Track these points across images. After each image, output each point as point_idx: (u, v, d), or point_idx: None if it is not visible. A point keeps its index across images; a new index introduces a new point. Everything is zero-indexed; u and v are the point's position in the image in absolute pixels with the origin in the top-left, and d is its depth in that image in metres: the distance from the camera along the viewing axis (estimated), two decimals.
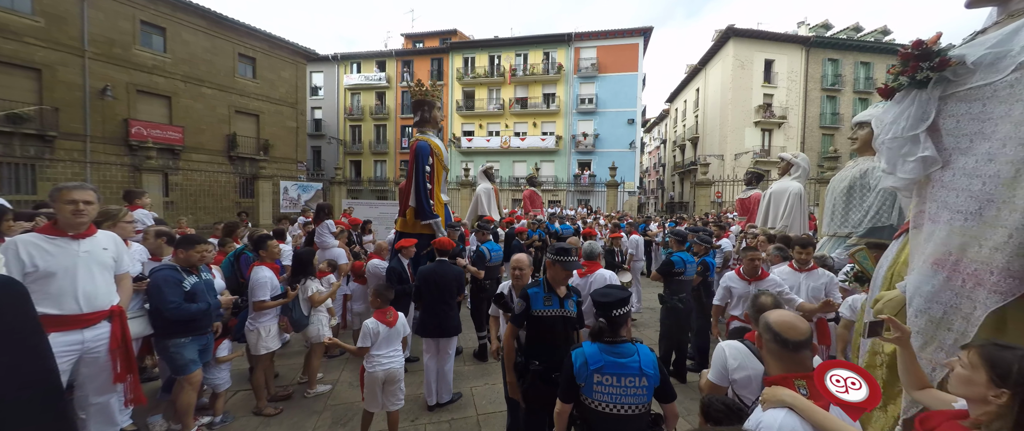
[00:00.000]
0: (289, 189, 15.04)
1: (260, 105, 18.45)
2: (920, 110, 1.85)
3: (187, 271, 2.66)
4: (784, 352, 1.26)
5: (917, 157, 1.86)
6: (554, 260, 2.32)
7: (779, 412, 1.16)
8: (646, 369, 1.68)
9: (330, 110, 27.09)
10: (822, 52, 22.70)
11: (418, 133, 4.75)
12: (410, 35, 28.19)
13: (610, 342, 1.76)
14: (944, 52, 1.76)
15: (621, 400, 1.68)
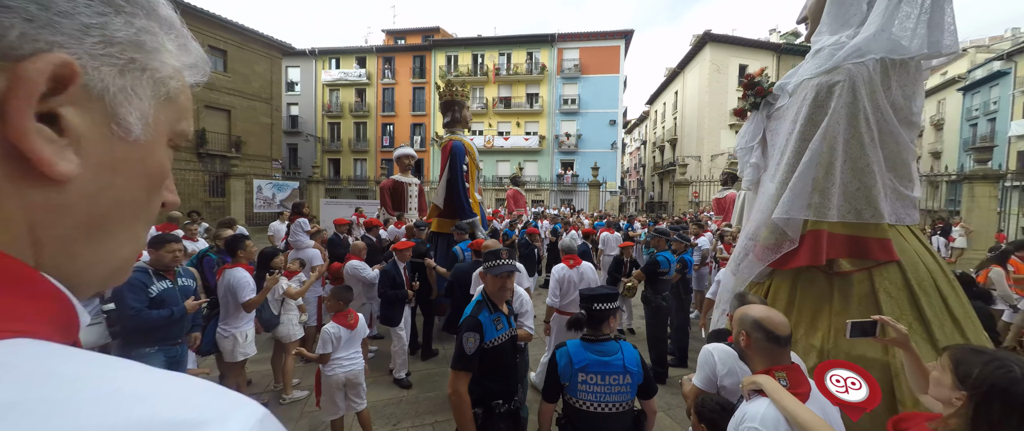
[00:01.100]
0: (263, 188, 14.45)
1: (232, 100, 17.65)
2: (754, 127, 2.39)
3: (159, 275, 2.48)
4: (772, 347, 1.29)
5: (751, 163, 2.40)
6: (486, 269, 1.91)
7: (760, 403, 1.20)
8: (630, 367, 1.70)
9: (307, 106, 26.23)
10: (792, 58, 23.74)
11: (448, 133, 4.85)
12: (391, 31, 27.65)
13: (593, 340, 1.77)
14: (761, 82, 2.31)
15: (606, 398, 1.69)
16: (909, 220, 1.88)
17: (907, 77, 1.79)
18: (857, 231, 1.78)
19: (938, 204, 17.15)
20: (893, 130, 1.78)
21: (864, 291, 1.76)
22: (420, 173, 24.41)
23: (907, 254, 1.77)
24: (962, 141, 22.56)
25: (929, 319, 1.69)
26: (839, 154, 1.77)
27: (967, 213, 9.07)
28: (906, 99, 1.80)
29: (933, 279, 1.77)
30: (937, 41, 1.71)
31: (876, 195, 1.75)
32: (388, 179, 7.62)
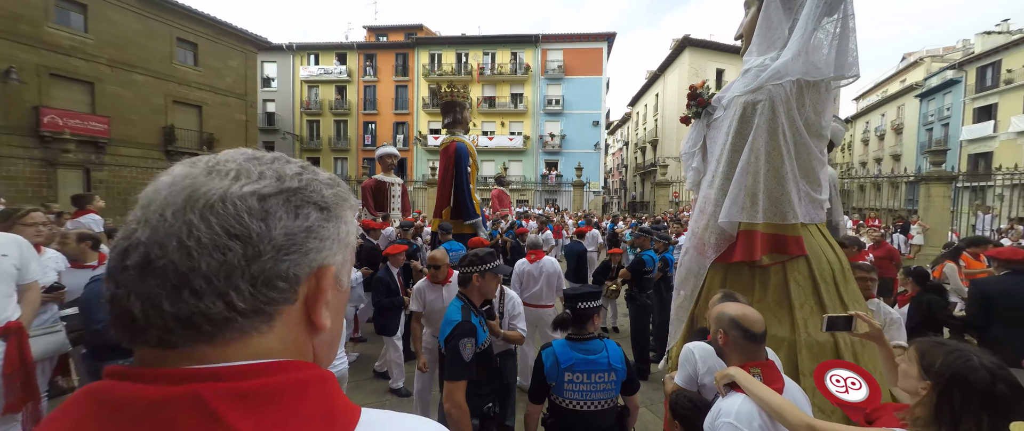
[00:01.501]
0: None
1: (203, 95, 16.88)
2: (696, 134, 2.60)
3: None
4: (748, 344, 1.33)
5: (693, 167, 2.62)
6: (491, 270, 1.93)
7: (735, 399, 1.23)
8: (615, 364, 1.73)
9: (284, 103, 25.39)
10: None
11: (449, 134, 4.83)
12: (373, 28, 27.11)
13: (578, 339, 1.79)
14: (702, 94, 2.54)
15: (591, 396, 1.71)
16: (817, 219, 2.19)
17: (818, 96, 2.06)
18: (779, 230, 2.06)
19: (898, 203, 18.23)
20: (806, 142, 2.06)
21: (779, 281, 2.05)
22: (403, 173, 24.14)
23: (813, 249, 2.07)
24: (919, 144, 24.02)
25: (826, 304, 1.98)
26: (763, 164, 2.04)
27: (924, 212, 9.67)
28: (817, 115, 2.07)
29: (831, 270, 2.06)
30: (842, 65, 1.98)
31: (793, 199, 2.03)
32: (370, 179, 7.45)
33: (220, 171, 0.35)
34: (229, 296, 0.31)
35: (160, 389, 0.29)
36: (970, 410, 0.96)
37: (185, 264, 0.30)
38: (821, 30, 1.99)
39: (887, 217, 15.28)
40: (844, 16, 1.95)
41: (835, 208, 4.46)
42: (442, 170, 4.65)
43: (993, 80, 19.87)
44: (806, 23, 1.95)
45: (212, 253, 0.31)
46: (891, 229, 11.77)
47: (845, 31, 1.97)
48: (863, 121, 31.77)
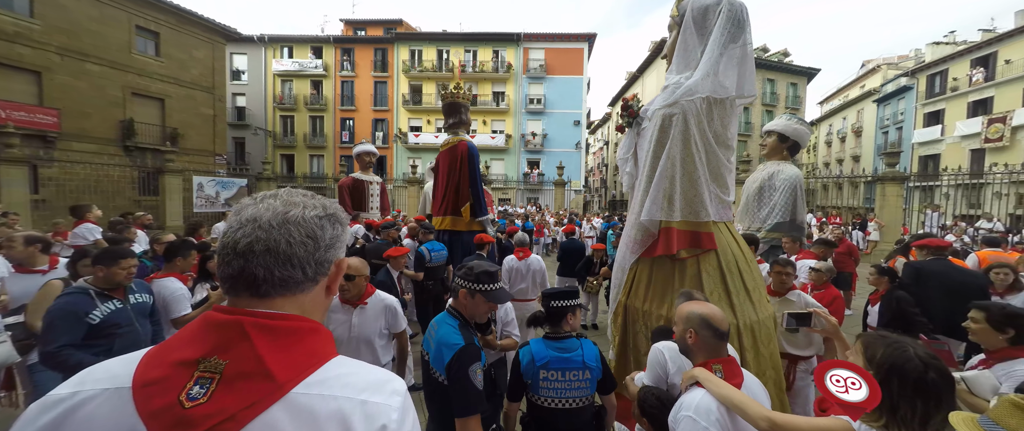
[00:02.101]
0: (205, 185, 13.18)
1: (166, 88, 15.94)
2: (628, 142, 2.79)
3: (103, 295, 2.09)
4: (717, 342, 1.39)
5: (627, 172, 2.80)
6: (476, 290, 1.66)
7: (696, 393, 1.28)
8: (589, 362, 1.74)
9: (256, 97, 24.31)
10: None
11: (451, 134, 4.93)
12: (350, 21, 26.35)
13: (554, 337, 1.80)
14: (633, 106, 2.73)
15: (566, 394, 1.72)
16: (725, 218, 2.48)
17: (724, 111, 2.35)
18: (694, 227, 2.34)
19: (858, 202, 19.41)
20: (715, 151, 2.35)
21: (694, 272, 2.32)
22: (382, 171, 23.66)
23: (721, 243, 2.38)
24: (877, 146, 25.65)
25: (731, 290, 2.28)
26: (679, 169, 2.32)
27: (880, 210, 10.33)
28: (723, 127, 2.37)
29: (736, 262, 2.36)
30: (741, 86, 2.35)
31: (706, 199, 2.32)
32: (347, 177, 7.26)
33: (294, 203, 0.62)
34: (307, 269, 0.60)
35: (231, 314, 0.56)
36: (906, 396, 1.04)
37: (289, 251, 0.58)
38: (727, 55, 2.30)
39: (847, 215, 16.24)
40: (743, 45, 2.30)
41: (799, 207, 4.71)
42: (450, 169, 4.67)
43: (941, 87, 21.46)
44: (713, 48, 2.27)
45: (304, 245, 0.59)
46: (851, 226, 12.51)
47: (745, 57, 2.33)
48: (827, 124, 33.59)
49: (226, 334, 0.54)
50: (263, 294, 0.58)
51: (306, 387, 0.54)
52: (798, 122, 4.94)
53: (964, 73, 20.09)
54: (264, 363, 0.53)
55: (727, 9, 2.30)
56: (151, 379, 0.52)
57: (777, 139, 4.90)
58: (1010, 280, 3.10)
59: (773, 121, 5.07)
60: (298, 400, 0.53)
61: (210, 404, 0.50)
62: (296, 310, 0.60)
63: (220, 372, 0.52)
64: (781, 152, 4.94)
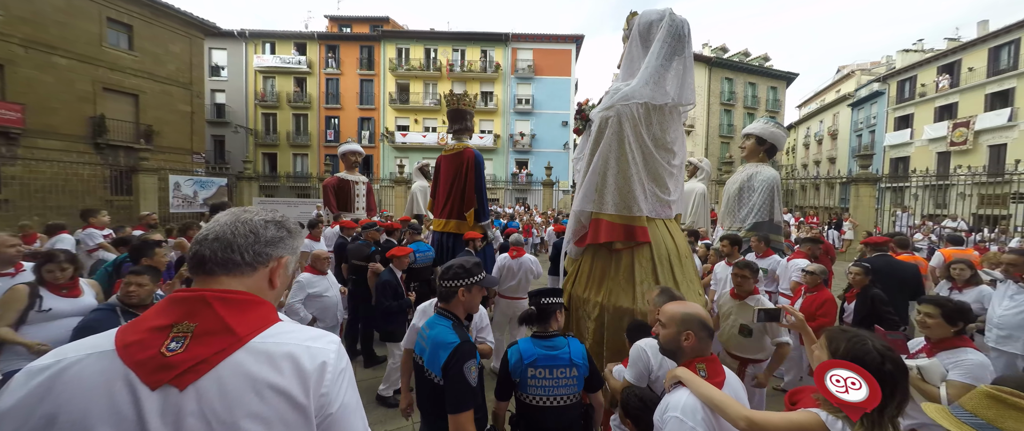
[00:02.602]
0: (182, 185, 12.72)
1: (140, 83, 15.33)
2: (582, 143, 2.93)
3: (130, 314, 2.00)
4: (707, 341, 1.41)
5: (579, 171, 2.90)
6: (472, 283, 1.71)
7: (682, 393, 1.31)
8: (576, 360, 1.76)
9: (236, 94, 23.62)
10: (721, 71, 26.33)
11: (456, 140, 5.14)
12: (336, 17, 25.86)
13: (542, 335, 1.82)
14: (585, 110, 2.87)
15: (554, 392, 1.74)
16: (664, 215, 2.62)
17: (664, 117, 2.49)
18: (627, 221, 2.47)
19: (834, 202, 20.15)
20: (652, 153, 2.48)
21: (628, 262, 2.47)
22: (368, 171, 23.26)
23: (655, 238, 2.53)
24: (851, 149, 26.68)
25: (660, 280, 2.45)
26: (612, 167, 2.45)
27: (854, 210, 10.76)
28: (662, 132, 2.51)
29: (668, 256, 2.52)
30: (680, 95, 2.49)
31: (638, 196, 2.45)
32: (333, 177, 7.14)
33: (249, 211, 0.82)
34: (245, 255, 0.76)
35: (194, 292, 0.72)
36: None
37: (232, 240, 0.75)
38: (664, 67, 2.47)
39: (824, 214, 16.85)
40: (685, 57, 2.49)
41: (776, 207, 4.87)
42: (455, 174, 4.88)
43: (910, 93, 22.46)
44: (651, 60, 2.45)
45: (245, 237, 0.77)
46: (827, 226, 12.96)
47: (686, 70, 2.52)
48: (805, 127, 34.75)
49: (192, 306, 0.70)
50: (209, 272, 0.75)
51: (262, 338, 0.71)
52: (775, 126, 5.10)
53: (931, 79, 21.10)
54: (226, 322, 0.69)
55: (668, 24, 2.45)
56: (131, 341, 0.66)
57: (755, 142, 5.06)
58: (967, 275, 3.28)
59: (751, 124, 5.22)
60: (256, 346, 0.70)
61: (186, 352, 0.65)
62: (241, 288, 0.76)
63: (191, 331, 0.68)
64: (759, 154, 5.09)
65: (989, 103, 18.25)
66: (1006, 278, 2.95)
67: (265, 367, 0.68)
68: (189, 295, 0.71)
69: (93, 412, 0.60)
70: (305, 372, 0.70)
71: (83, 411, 0.60)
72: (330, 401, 0.72)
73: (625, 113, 2.40)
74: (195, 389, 0.64)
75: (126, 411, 0.61)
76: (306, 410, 0.69)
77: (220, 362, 0.66)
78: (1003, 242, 8.58)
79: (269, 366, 0.68)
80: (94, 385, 0.61)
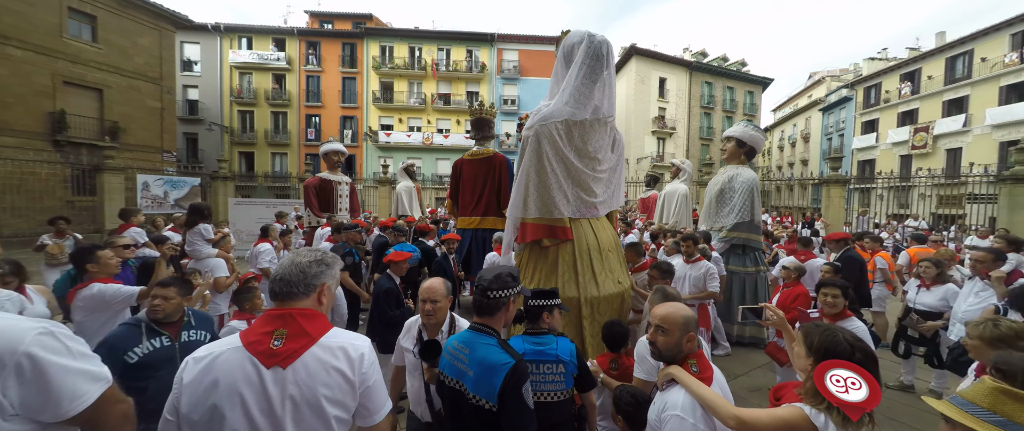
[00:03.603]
0: (151, 185, 12.11)
1: (104, 77, 14.52)
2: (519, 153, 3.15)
3: (154, 329, 1.88)
4: (696, 339, 1.46)
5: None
6: (519, 292, 1.69)
7: (679, 392, 1.33)
8: (563, 356, 1.76)
9: (210, 90, 22.71)
10: (701, 75, 27.07)
11: (481, 146, 5.74)
12: (316, 13, 25.22)
13: (531, 332, 1.83)
14: (524, 124, 3.05)
15: (541, 387, 1.73)
16: (589, 215, 2.91)
17: (585, 130, 2.74)
18: (550, 222, 2.79)
19: (806, 202, 21.01)
20: (573, 164, 2.76)
21: (553, 257, 2.82)
22: (351, 171, 22.71)
23: (578, 235, 2.85)
24: (822, 151, 27.90)
25: (578, 272, 2.77)
26: (532, 178, 2.77)
27: (826, 210, 11.23)
28: (584, 143, 2.76)
29: (589, 250, 2.82)
30: (599, 108, 2.75)
31: (558, 202, 2.76)
32: (314, 177, 6.94)
33: (302, 254, 1.23)
34: (301, 285, 1.17)
35: (283, 310, 1.15)
36: None
37: (290, 279, 1.16)
38: (590, 86, 2.71)
39: (798, 214, 17.55)
40: (607, 76, 2.77)
41: (755, 208, 5.03)
42: (486, 176, 5.47)
43: (875, 99, 23.68)
44: (570, 80, 2.73)
45: (297, 276, 1.17)
46: (800, 225, 13.48)
47: (603, 84, 2.81)
48: (779, 130, 36.13)
49: (284, 319, 1.13)
50: (283, 299, 1.17)
51: (326, 338, 1.14)
52: (754, 129, 5.27)
53: (895, 86, 22.31)
54: (304, 328, 1.12)
55: (586, 46, 2.68)
56: (251, 341, 1.10)
57: (736, 144, 5.21)
58: (933, 273, 3.46)
59: (732, 128, 5.38)
60: (323, 343, 1.13)
61: (284, 347, 1.09)
62: (308, 307, 1.18)
63: (285, 335, 1.10)
64: (739, 156, 5.25)
65: (946, 109, 19.44)
66: (973, 275, 3.12)
67: (329, 356, 1.11)
68: (281, 312, 1.14)
69: (238, 379, 1.05)
70: (352, 359, 1.13)
71: (232, 378, 1.05)
72: (367, 377, 1.15)
73: (543, 132, 2.68)
74: (292, 368, 1.07)
75: (255, 379, 1.05)
76: (353, 383, 1.12)
77: (304, 352, 1.09)
78: (959, 240, 9.15)
79: (331, 355, 1.11)
80: (236, 365, 1.06)
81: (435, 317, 1.93)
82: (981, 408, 0.95)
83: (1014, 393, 0.94)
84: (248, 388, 1.04)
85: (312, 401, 1.06)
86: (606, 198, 3.01)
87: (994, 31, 17.59)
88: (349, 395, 1.11)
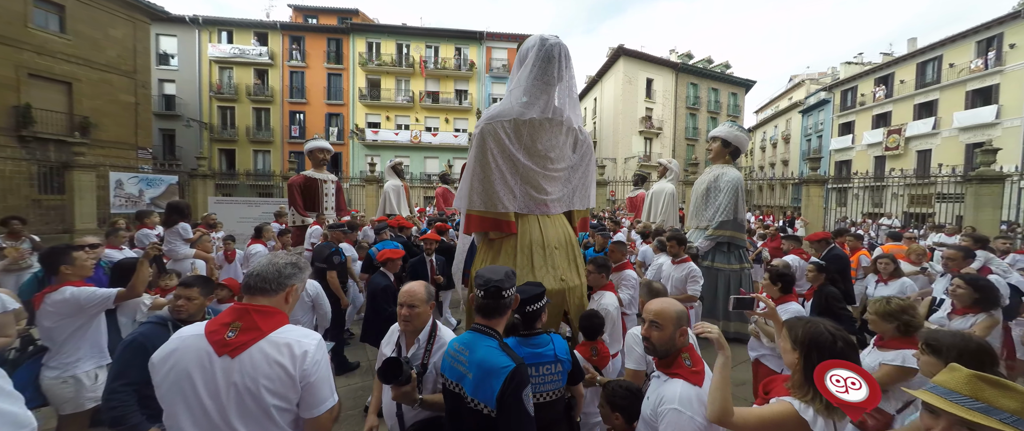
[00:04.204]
0: (125, 183, 11.59)
1: (74, 70, 13.85)
2: None
3: (181, 327, 1.80)
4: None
5: None
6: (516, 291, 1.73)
7: (676, 385, 1.35)
8: (561, 356, 1.76)
9: (188, 85, 21.92)
10: (687, 77, 27.56)
11: None
12: (300, 7, 24.62)
13: (526, 335, 1.80)
14: None
15: (541, 389, 1.72)
16: (537, 211, 3.00)
17: (535, 129, 2.84)
18: (495, 216, 2.87)
19: (787, 202, 21.64)
20: (524, 161, 2.85)
21: (498, 248, 2.94)
22: (337, 169, 22.34)
23: (523, 229, 2.95)
24: (802, 152, 28.79)
25: (518, 265, 2.85)
26: (477, 173, 2.85)
27: (805, 209, 11.59)
28: (533, 142, 2.85)
29: (531, 245, 2.91)
30: (552, 108, 2.87)
31: (502, 197, 2.84)
32: (299, 175, 6.77)
33: (280, 256, 1.41)
34: (274, 283, 1.32)
35: (244, 306, 1.29)
36: None
37: (265, 274, 1.33)
38: (534, 88, 2.83)
39: (779, 213, 18.07)
40: (564, 78, 2.90)
41: (739, 207, 5.15)
42: None
43: (851, 102, 24.56)
44: (521, 80, 2.85)
45: (272, 274, 1.33)
46: (782, 223, 13.88)
47: (569, 90, 2.97)
48: (761, 131, 37.11)
49: (241, 313, 1.26)
50: (252, 293, 1.31)
51: (275, 334, 1.24)
52: (739, 129, 5.39)
53: (869, 90, 23.17)
54: (257, 324, 1.24)
55: (537, 48, 2.79)
56: (211, 330, 1.23)
57: (721, 144, 5.32)
58: (891, 268, 3.60)
59: (717, 128, 5.48)
60: (271, 337, 1.23)
61: (236, 338, 1.21)
62: (270, 304, 1.31)
63: (239, 327, 1.23)
64: (725, 156, 5.36)
65: (917, 112, 20.30)
66: (945, 272, 3.25)
67: (273, 350, 1.21)
68: (241, 307, 1.27)
69: (192, 363, 1.19)
70: (295, 355, 1.22)
71: (187, 361, 1.19)
72: (309, 374, 1.23)
73: (488, 130, 2.80)
74: (239, 359, 1.19)
75: (206, 365, 1.19)
76: (294, 377, 1.21)
77: (252, 345, 1.21)
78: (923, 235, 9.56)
79: (276, 350, 1.21)
80: (193, 350, 1.20)
81: (413, 323, 1.79)
82: (963, 396, 0.97)
83: (990, 379, 0.97)
84: (199, 372, 1.18)
85: (253, 390, 1.17)
86: (561, 196, 3.07)
87: (961, 38, 18.45)
88: (290, 388, 1.20)
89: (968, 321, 2.40)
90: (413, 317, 1.78)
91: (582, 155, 3.15)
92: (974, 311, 2.41)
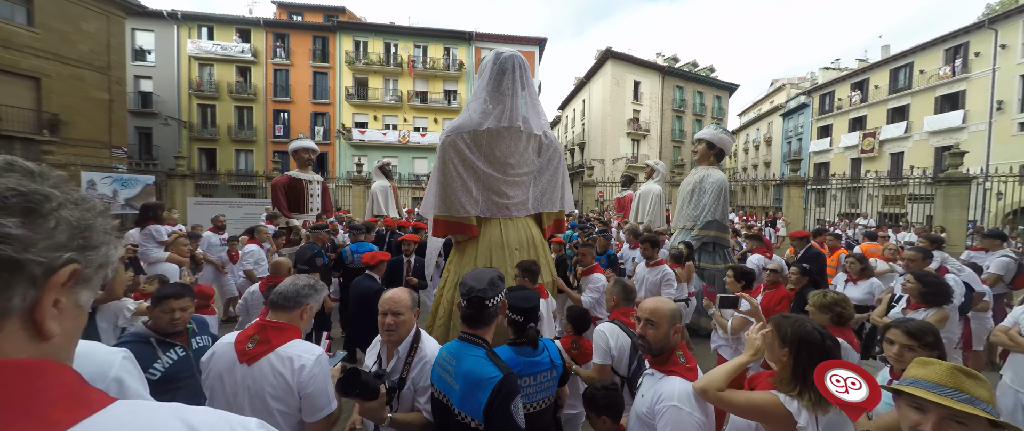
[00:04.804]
0: (98, 183, 11.13)
1: (42, 64, 13.23)
2: None
3: (165, 343, 1.82)
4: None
5: None
6: (504, 298, 1.67)
7: (674, 380, 1.36)
8: (556, 361, 1.74)
9: (166, 82, 21.20)
10: (673, 79, 28.06)
11: None
12: (284, 4, 24.09)
13: (519, 343, 1.77)
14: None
15: (537, 397, 1.69)
16: (499, 215, 3.11)
17: (493, 137, 2.95)
18: (458, 219, 3.02)
19: (769, 202, 22.25)
20: (484, 169, 2.98)
21: (463, 250, 3.12)
22: (323, 169, 21.95)
23: (484, 232, 3.06)
24: (783, 154, 29.63)
25: (481, 265, 2.97)
26: (439, 180, 3.01)
27: (786, 210, 11.93)
28: (492, 150, 2.97)
29: (491, 247, 3.04)
30: (508, 116, 2.95)
31: (463, 202, 2.97)
32: (283, 175, 6.62)
33: (300, 279, 1.66)
34: (292, 301, 1.59)
35: (263, 321, 1.55)
36: (813, 360, 1.24)
37: (286, 294, 1.59)
38: (496, 97, 2.94)
39: (761, 214, 18.56)
40: (521, 88, 3.02)
41: (723, 208, 5.27)
42: None
43: (829, 106, 25.42)
44: (479, 91, 3.02)
45: (294, 293, 1.62)
46: (764, 224, 14.25)
47: (531, 99, 3.11)
48: (744, 133, 38.05)
49: (261, 327, 1.47)
50: (274, 309, 1.52)
51: (282, 348, 1.43)
52: (723, 132, 5.51)
53: (846, 95, 24.03)
54: (270, 338, 1.45)
55: (491, 61, 2.94)
56: (238, 340, 1.47)
57: (706, 146, 5.43)
58: (858, 268, 3.71)
59: (703, 130, 5.60)
60: (279, 351, 1.42)
61: (254, 349, 1.43)
62: (287, 320, 1.51)
63: (257, 339, 1.45)
64: (709, 158, 5.47)
65: (890, 117, 21.15)
66: (905, 272, 3.38)
67: (279, 363, 1.39)
68: (262, 322, 1.49)
69: (224, 366, 1.44)
70: (295, 368, 1.39)
71: (220, 365, 1.45)
72: (306, 386, 1.39)
73: (448, 142, 2.94)
74: (253, 367, 1.39)
75: (232, 369, 1.42)
76: (292, 388, 1.38)
77: (263, 356, 1.41)
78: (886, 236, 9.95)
79: (280, 363, 1.40)
80: (225, 355, 1.45)
81: (397, 332, 1.66)
82: (948, 388, 0.99)
83: (965, 370, 1.02)
84: (227, 374, 1.43)
85: (259, 395, 1.38)
86: (523, 200, 3.18)
87: (930, 46, 19.31)
88: (290, 395, 1.38)
89: (921, 315, 2.49)
90: (398, 325, 1.65)
91: (549, 159, 3.24)
92: (925, 306, 2.53)
